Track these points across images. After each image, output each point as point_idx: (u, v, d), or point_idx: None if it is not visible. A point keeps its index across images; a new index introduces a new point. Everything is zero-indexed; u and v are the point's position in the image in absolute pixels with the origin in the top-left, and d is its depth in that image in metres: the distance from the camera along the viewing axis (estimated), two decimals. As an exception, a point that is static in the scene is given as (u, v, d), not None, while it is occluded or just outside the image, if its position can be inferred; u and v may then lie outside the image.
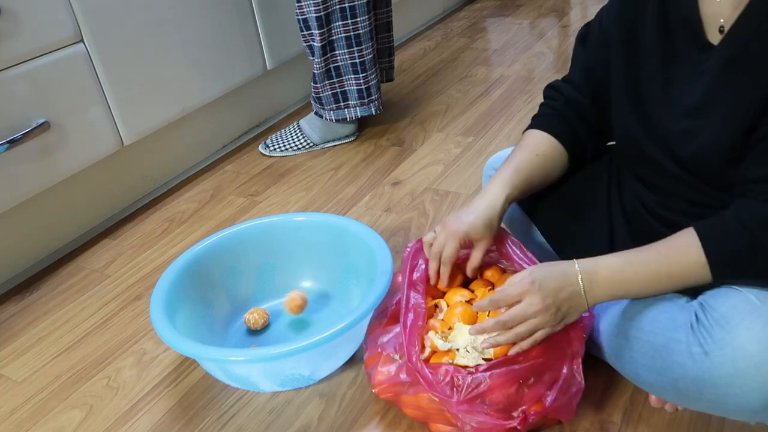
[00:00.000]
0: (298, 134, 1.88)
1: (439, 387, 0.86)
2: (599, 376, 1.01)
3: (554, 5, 2.83)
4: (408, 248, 1.04)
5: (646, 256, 0.83)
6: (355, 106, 1.79)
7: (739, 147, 0.79)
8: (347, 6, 1.64)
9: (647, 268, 0.82)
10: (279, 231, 1.28)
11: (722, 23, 0.80)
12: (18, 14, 1.32)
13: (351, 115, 1.80)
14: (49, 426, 1.10)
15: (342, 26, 1.67)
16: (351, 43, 1.69)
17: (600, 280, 0.83)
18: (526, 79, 2.15)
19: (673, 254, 0.81)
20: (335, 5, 1.64)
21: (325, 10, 1.63)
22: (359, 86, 1.76)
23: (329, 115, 1.81)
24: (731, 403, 0.78)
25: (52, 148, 1.43)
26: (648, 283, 0.83)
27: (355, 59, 1.72)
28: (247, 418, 1.06)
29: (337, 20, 1.66)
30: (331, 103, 1.79)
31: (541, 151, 1.01)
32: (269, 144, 1.90)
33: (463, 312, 1.00)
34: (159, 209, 1.70)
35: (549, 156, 1.01)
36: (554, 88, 1.06)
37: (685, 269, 0.80)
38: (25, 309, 1.39)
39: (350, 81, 1.75)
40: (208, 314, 1.20)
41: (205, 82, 1.77)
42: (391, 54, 1.93)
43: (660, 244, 0.82)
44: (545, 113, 1.05)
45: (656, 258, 0.82)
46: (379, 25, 1.84)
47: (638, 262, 0.83)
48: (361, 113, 1.80)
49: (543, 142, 1.02)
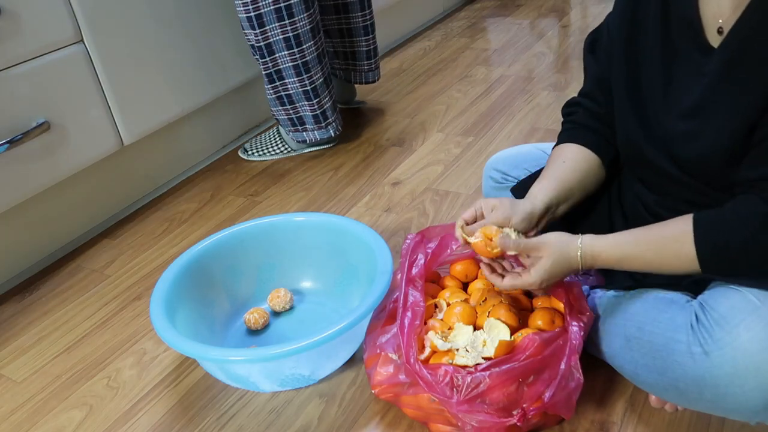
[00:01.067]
0: (276, 139, 1.87)
1: (438, 387, 0.86)
2: (599, 376, 1.01)
3: (554, 5, 2.83)
4: (407, 241, 1.03)
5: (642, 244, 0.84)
6: (312, 130, 1.76)
7: (739, 148, 0.79)
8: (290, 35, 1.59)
9: (643, 257, 0.84)
10: (279, 231, 1.28)
11: (721, 24, 0.80)
12: (18, 14, 1.32)
13: (310, 138, 1.78)
14: (49, 426, 1.10)
15: (288, 54, 1.62)
16: (299, 71, 1.65)
17: (597, 264, 0.88)
18: (526, 79, 2.15)
19: (668, 243, 0.82)
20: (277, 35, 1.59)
21: (265, 40, 1.60)
22: (314, 111, 1.72)
23: (291, 136, 1.80)
24: (731, 402, 0.78)
25: (52, 148, 1.43)
26: (641, 267, 0.86)
27: (306, 86, 1.68)
28: (247, 418, 1.06)
29: (282, 49, 1.61)
30: (288, 126, 1.77)
31: (575, 160, 1.00)
32: (248, 148, 1.89)
33: (463, 312, 1.00)
34: (159, 209, 1.70)
35: (584, 164, 1.00)
36: (571, 105, 1.06)
37: (678, 258, 0.81)
38: (25, 309, 1.39)
39: (304, 107, 1.72)
40: (208, 314, 1.20)
41: (205, 82, 1.77)
42: (370, 57, 1.91)
43: (658, 230, 0.84)
44: (569, 128, 1.04)
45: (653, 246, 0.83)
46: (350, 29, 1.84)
47: (635, 250, 0.84)
48: (320, 136, 1.77)
49: (574, 153, 1.00)
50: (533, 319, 0.98)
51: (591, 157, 1.00)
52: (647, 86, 0.89)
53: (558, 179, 0.98)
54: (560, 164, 1.00)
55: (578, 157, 1.00)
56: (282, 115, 1.75)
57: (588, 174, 1.00)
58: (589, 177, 1.01)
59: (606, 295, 0.97)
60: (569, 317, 0.92)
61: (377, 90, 2.18)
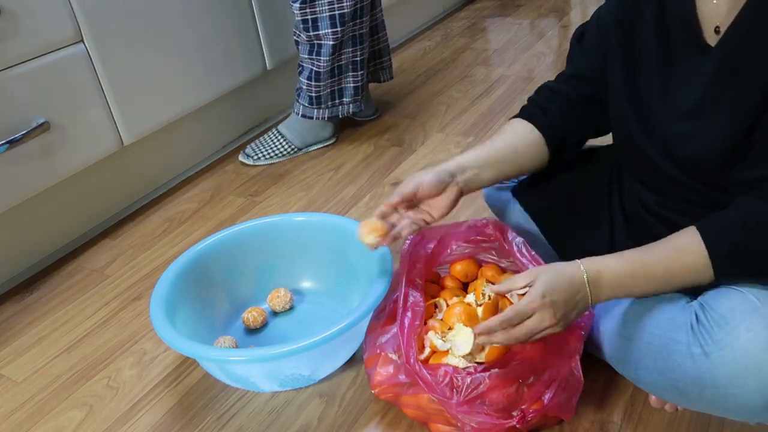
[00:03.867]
0: (280, 140, 1.86)
1: (438, 388, 0.86)
2: (599, 376, 1.01)
3: (554, 5, 2.83)
4: (407, 241, 1.03)
5: (649, 257, 0.82)
6: (348, 103, 1.83)
7: (738, 148, 0.79)
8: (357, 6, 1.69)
9: (650, 271, 0.82)
10: (279, 231, 1.28)
11: (718, 24, 0.80)
12: (18, 14, 1.32)
13: (342, 111, 1.83)
14: (49, 426, 1.10)
15: (352, 25, 1.71)
16: (355, 42, 1.74)
17: (604, 283, 0.83)
18: (526, 79, 2.15)
19: (676, 255, 0.80)
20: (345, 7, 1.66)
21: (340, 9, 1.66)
22: (356, 83, 1.80)
23: (316, 113, 1.81)
24: (731, 403, 0.78)
25: (52, 148, 1.43)
26: (651, 284, 0.83)
27: (357, 57, 1.76)
28: (247, 418, 1.06)
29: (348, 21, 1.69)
30: (315, 103, 1.80)
31: (514, 133, 1.02)
32: (250, 153, 1.86)
33: (463, 312, 1.00)
34: (159, 209, 1.70)
35: (521, 138, 1.01)
36: (540, 88, 1.07)
37: (688, 269, 0.80)
38: (25, 309, 1.39)
39: (348, 78, 1.80)
40: (208, 314, 1.20)
41: (205, 82, 1.77)
42: (389, 52, 1.94)
43: (663, 245, 0.82)
44: (524, 107, 1.06)
45: (659, 260, 0.81)
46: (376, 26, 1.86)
47: (641, 264, 0.82)
48: (353, 109, 1.84)
49: (515, 126, 1.03)
50: None
51: (532, 134, 1.01)
52: (646, 87, 0.89)
53: (486, 146, 1.00)
54: (497, 135, 1.02)
55: (518, 130, 1.02)
56: (313, 92, 1.77)
57: (523, 149, 1.01)
58: (524, 152, 1.01)
59: (606, 295, 0.97)
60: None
61: (377, 90, 2.17)
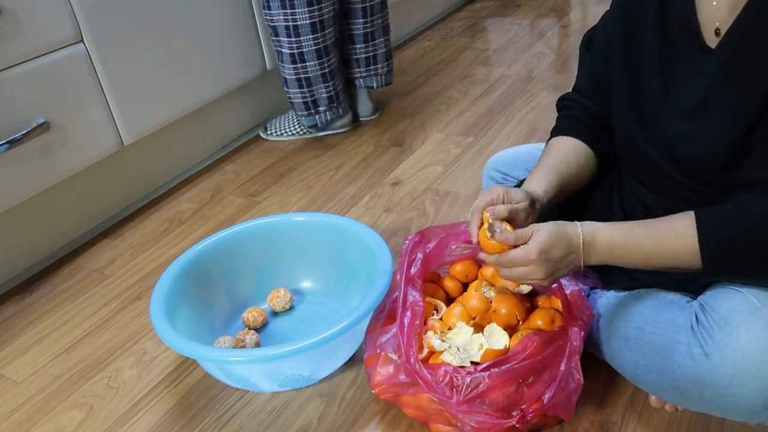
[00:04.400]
0: (295, 121, 1.94)
1: (438, 388, 0.86)
2: (599, 376, 1.01)
3: (554, 5, 2.83)
4: (407, 241, 1.03)
5: (643, 233, 0.83)
6: (325, 111, 1.86)
7: (738, 149, 0.79)
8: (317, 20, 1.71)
9: (642, 246, 0.83)
10: (279, 231, 1.28)
11: (718, 26, 0.80)
12: (18, 14, 1.32)
13: (321, 120, 1.87)
14: (49, 426, 1.10)
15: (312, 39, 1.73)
16: (320, 54, 1.76)
17: (596, 249, 0.85)
18: (526, 79, 2.15)
19: (670, 236, 0.81)
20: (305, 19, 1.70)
21: (294, 22, 1.70)
22: (329, 93, 1.83)
23: (303, 121, 1.88)
24: (731, 403, 0.78)
25: (52, 148, 1.43)
26: (639, 259, 0.84)
27: (324, 69, 1.79)
28: (247, 418, 1.06)
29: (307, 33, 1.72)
30: (302, 110, 1.85)
31: (569, 153, 1.00)
32: (269, 127, 1.98)
33: (462, 312, 1.00)
34: (159, 209, 1.70)
35: (578, 157, 1.00)
36: (566, 99, 1.06)
37: (677, 252, 0.81)
38: (25, 309, 1.39)
39: (320, 89, 1.82)
40: (208, 314, 1.20)
41: (205, 82, 1.77)
42: (387, 58, 1.94)
43: (661, 224, 0.83)
44: (564, 122, 1.04)
45: (653, 238, 0.83)
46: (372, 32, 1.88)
47: (635, 239, 0.84)
48: (331, 117, 1.87)
49: (569, 145, 1.01)
50: (533, 318, 0.98)
51: (585, 150, 1.01)
52: (647, 87, 0.89)
53: (555, 170, 0.98)
54: (555, 156, 1.00)
55: (573, 150, 1.01)
56: (298, 99, 1.83)
57: (583, 167, 1.01)
58: (583, 170, 1.01)
59: (606, 295, 0.97)
60: (569, 317, 0.92)
61: (377, 90, 2.17)
